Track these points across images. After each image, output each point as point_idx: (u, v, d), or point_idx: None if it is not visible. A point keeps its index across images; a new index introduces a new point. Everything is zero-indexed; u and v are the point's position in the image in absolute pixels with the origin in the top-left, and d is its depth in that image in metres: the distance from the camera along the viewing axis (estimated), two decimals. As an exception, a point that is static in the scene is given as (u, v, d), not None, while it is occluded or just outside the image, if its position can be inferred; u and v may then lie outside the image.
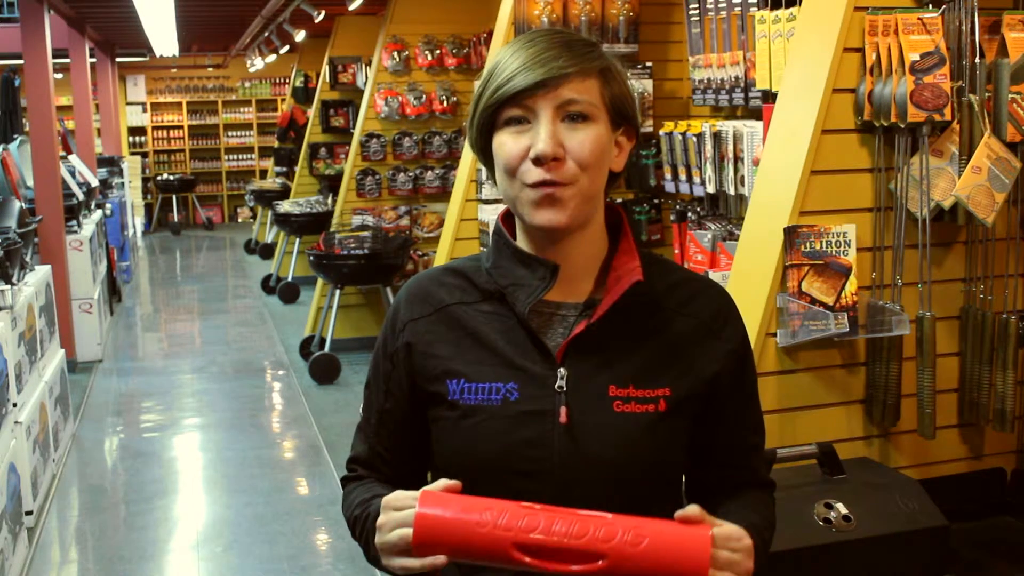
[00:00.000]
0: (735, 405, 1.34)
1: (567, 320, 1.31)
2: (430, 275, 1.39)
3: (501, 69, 1.25)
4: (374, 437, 1.40)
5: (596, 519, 1.13)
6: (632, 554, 1.11)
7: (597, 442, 1.25)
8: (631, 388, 1.27)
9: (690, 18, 3.21)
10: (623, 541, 1.11)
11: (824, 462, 2.14)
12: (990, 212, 2.21)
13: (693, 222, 3.05)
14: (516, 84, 1.22)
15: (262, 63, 13.00)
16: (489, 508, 1.14)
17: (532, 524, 1.12)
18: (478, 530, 1.13)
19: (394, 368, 1.36)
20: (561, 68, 1.21)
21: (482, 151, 1.31)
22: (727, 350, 1.32)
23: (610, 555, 1.11)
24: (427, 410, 1.34)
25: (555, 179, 1.22)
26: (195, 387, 6.63)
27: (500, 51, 1.28)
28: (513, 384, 1.27)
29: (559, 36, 1.26)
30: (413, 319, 1.35)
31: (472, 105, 1.31)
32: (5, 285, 4.31)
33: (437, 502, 1.16)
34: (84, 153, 9.43)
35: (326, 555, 4.00)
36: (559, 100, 1.22)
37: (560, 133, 1.22)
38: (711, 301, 1.34)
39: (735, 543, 1.17)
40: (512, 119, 1.24)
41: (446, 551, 1.14)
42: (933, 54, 2.18)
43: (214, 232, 15.38)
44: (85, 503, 4.66)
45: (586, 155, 1.23)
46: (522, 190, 1.24)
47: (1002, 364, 2.33)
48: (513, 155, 1.24)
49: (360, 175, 6.98)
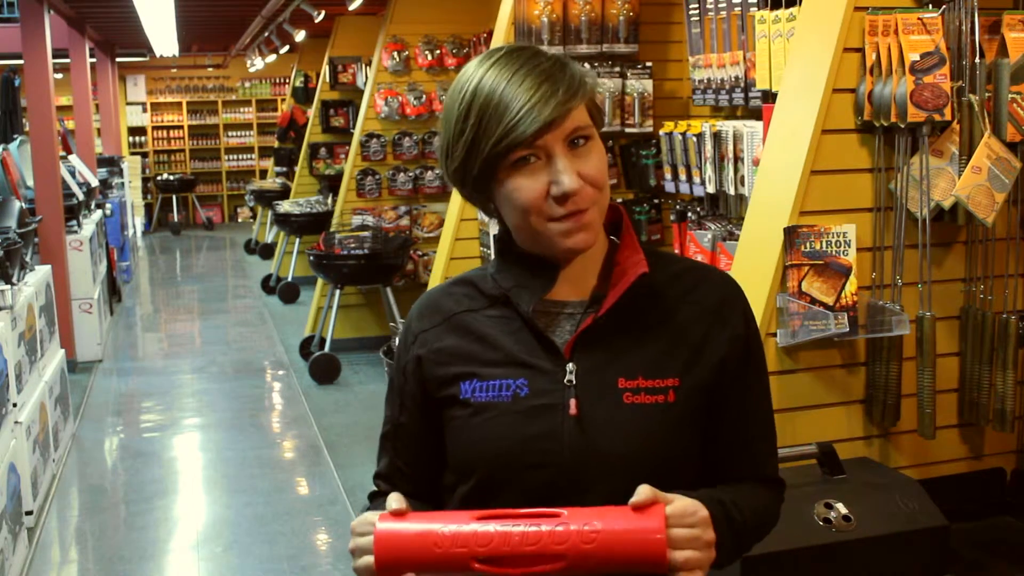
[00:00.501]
0: (740, 390, 1.34)
1: (574, 317, 1.32)
2: (439, 288, 1.42)
3: (498, 110, 1.22)
4: (392, 452, 1.43)
5: (549, 520, 1.15)
6: (588, 551, 1.13)
7: (607, 434, 1.26)
8: (640, 380, 1.27)
9: (690, 18, 3.21)
10: (578, 540, 1.13)
11: (824, 462, 2.14)
12: (990, 212, 2.21)
13: (693, 222, 3.05)
14: (527, 128, 1.20)
15: (262, 63, 13.00)
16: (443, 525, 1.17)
17: (485, 539, 1.15)
18: (435, 551, 1.16)
19: (406, 381, 1.38)
20: (564, 104, 1.22)
21: (482, 192, 1.30)
22: (733, 335, 1.32)
23: (567, 555, 1.13)
24: (442, 417, 1.36)
25: (580, 208, 1.24)
26: (195, 387, 6.63)
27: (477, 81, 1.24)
28: (523, 380, 1.28)
29: (540, 64, 1.24)
30: (423, 330, 1.37)
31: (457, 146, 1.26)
32: (5, 285, 4.31)
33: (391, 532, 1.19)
34: (84, 153, 9.43)
35: (326, 555, 4.00)
36: (566, 132, 1.23)
37: (573, 163, 1.24)
38: (715, 288, 1.35)
39: (690, 518, 1.17)
40: (520, 159, 1.24)
41: (411, 570, 1.18)
42: (933, 54, 2.18)
43: (214, 232, 15.38)
44: (85, 503, 4.67)
45: (598, 175, 1.25)
46: (547, 224, 1.25)
47: (1002, 364, 2.33)
48: (534, 196, 1.24)
49: (360, 175, 6.98)
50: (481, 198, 1.31)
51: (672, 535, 1.15)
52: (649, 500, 1.16)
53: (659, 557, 1.13)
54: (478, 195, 1.31)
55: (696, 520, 1.17)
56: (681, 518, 1.17)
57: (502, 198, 1.27)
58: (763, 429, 1.39)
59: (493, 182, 1.27)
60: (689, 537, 1.16)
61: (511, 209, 1.27)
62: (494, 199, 1.29)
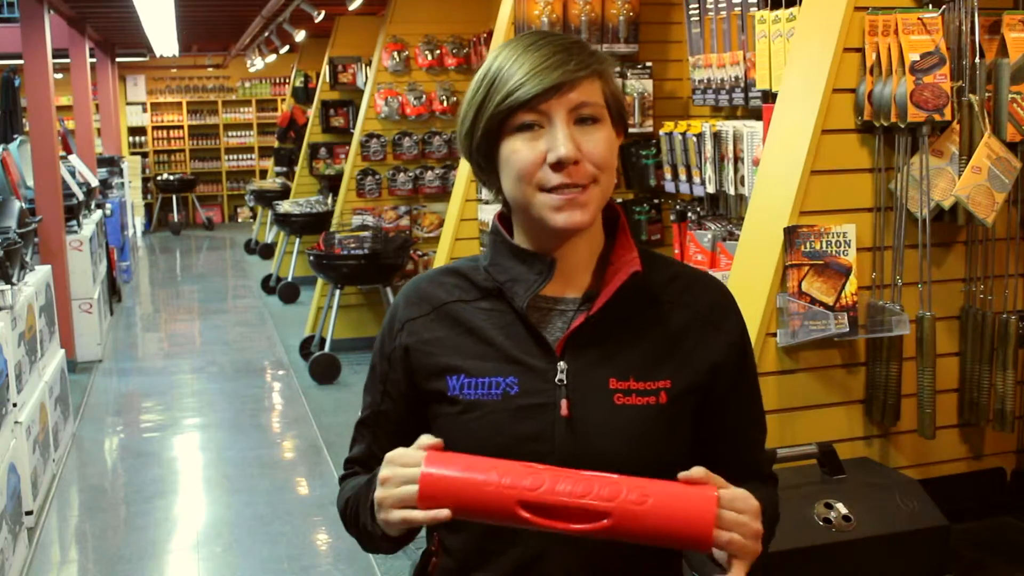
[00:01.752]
0: (736, 398, 1.35)
1: (566, 315, 1.31)
2: (428, 276, 1.39)
3: (506, 75, 1.23)
4: (371, 438, 1.41)
5: (601, 479, 1.13)
6: (636, 512, 1.10)
7: (598, 435, 1.25)
8: (631, 381, 1.27)
9: (690, 18, 3.21)
10: (627, 500, 1.11)
11: (824, 462, 2.14)
12: (990, 212, 2.21)
13: (693, 222, 3.05)
14: (530, 89, 1.21)
15: (262, 63, 13.00)
16: (495, 467, 1.15)
17: (536, 483, 1.12)
18: (484, 488, 1.13)
19: (391, 369, 1.36)
20: (573, 72, 1.21)
21: (485, 157, 1.29)
22: (727, 342, 1.33)
23: (614, 514, 1.11)
24: (426, 409, 1.35)
25: (576, 182, 1.23)
26: (195, 387, 6.63)
27: (497, 55, 1.27)
28: (513, 378, 1.27)
29: (560, 39, 1.26)
30: (411, 319, 1.35)
31: (468, 112, 1.28)
32: (5, 285, 4.31)
33: (443, 462, 1.16)
34: (84, 153, 9.43)
35: (326, 555, 4.00)
36: (572, 103, 1.22)
37: (575, 135, 1.23)
38: (708, 293, 1.35)
39: (741, 503, 1.16)
40: (523, 125, 1.23)
41: (451, 508, 1.15)
42: (933, 54, 2.18)
43: (214, 232, 15.38)
44: (85, 503, 4.66)
45: (602, 156, 1.24)
46: (539, 195, 1.24)
47: (1002, 364, 2.33)
48: (529, 161, 1.23)
49: (360, 175, 6.98)
50: (485, 167, 1.30)
51: (722, 516, 1.13)
52: (702, 478, 1.15)
53: (705, 531, 1.11)
54: (482, 161, 1.30)
55: (747, 507, 1.16)
56: (732, 502, 1.15)
57: (502, 163, 1.27)
58: (760, 433, 1.41)
59: (496, 147, 1.26)
60: (738, 522, 1.14)
61: (507, 176, 1.26)
62: (497, 168, 1.28)
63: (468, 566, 1.32)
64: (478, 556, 1.31)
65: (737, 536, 1.14)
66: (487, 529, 1.28)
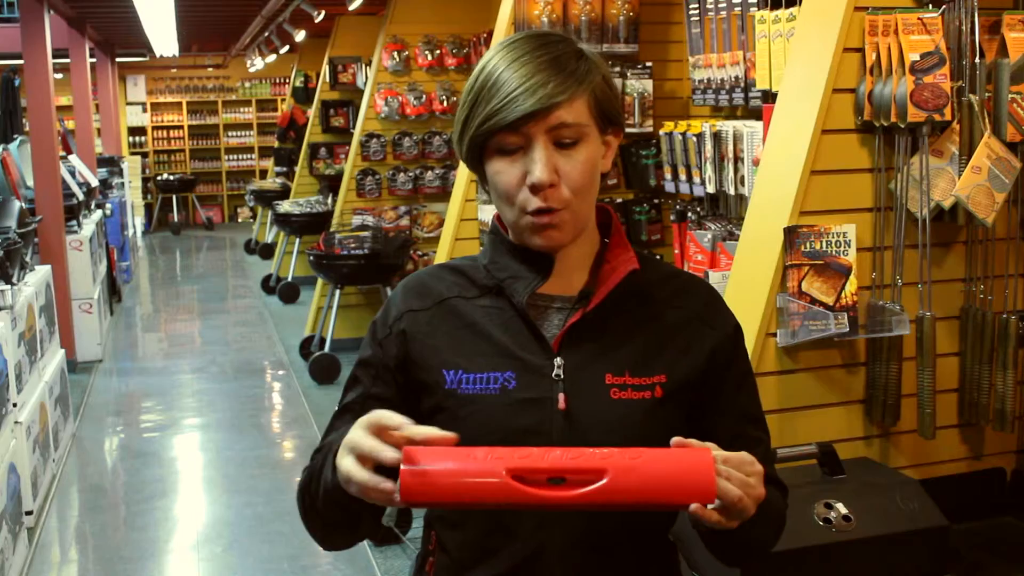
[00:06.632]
0: (730, 393, 1.36)
1: (563, 312, 1.33)
2: (428, 271, 1.41)
3: (490, 92, 1.24)
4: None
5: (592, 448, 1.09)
6: (633, 467, 1.06)
7: (595, 429, 1.26)
8: (627, 376, 1.29)
9: (690, 18, 3.21)
10: (622, 456, 1.07)
11: (824, 462, 2.14)
12: (990, 212, 2.21)
13: (693, 222, 3.05)
14: (507, 115, 1.22)
15: (262, 63, 13.00)
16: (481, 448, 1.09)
17: (526, 453, 1.08)
18: (472, 456, 1.07)
19: (384, 354, 1.35)
20: (551, 97, 1.22)
21: (475, 167, 1.32)
22: (720, 336, 1.35)
23: (610, 470, 1.06)
24: (419, 401, 1.34)
25: (551, 206, 1.25)
26: (195, 387, 6.63)
27: (486, 64, 1.27)
28: (511, 373, 1.29)
29: (545, 54, 1.25)
30: (412, 310, 1.35)
31: (459, 120, 1.30)
32: (5, 285, 4.31)
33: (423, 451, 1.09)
34: (84, 153, 9.43)
35: (326, 555, 4.00)
36: (551, 125, 1.23)
37: (553, 158, 1.24)
38: (700, 295, 1.38)
39: (748, 466, 1.14)
40: (505, 146, 1.25)
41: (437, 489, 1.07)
42: (933, 54, 2.18)
43: (214, 232, 15.38)
44: (85, 503, 4.67)
45: (579, 180, 1.26)
46: (521, 216, 1.27)
47: (1002, 364, 2.33)
48: (510, 184, 1.26)
49: (360, 175, 6.98)
50: (473, 168, 1.33)
51: (726, 471, 1.11)
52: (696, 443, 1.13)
53: (707, 480, 1.07)
54: (472, 165, 1.33)
55: (752, 470, 1.14)
56: (739, 464, 1.13)
57: (488, 179, 1.30)
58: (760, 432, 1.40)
59: (482, 163, 1.29)
60: (741, 480, 1.12)
61: (493, 193, 1.30)
62: (483, 174, 1.31)
63: (466, 563, 1.32)
64: (476, 553, 1.31)
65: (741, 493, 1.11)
66: (485, 525, 1.28)
